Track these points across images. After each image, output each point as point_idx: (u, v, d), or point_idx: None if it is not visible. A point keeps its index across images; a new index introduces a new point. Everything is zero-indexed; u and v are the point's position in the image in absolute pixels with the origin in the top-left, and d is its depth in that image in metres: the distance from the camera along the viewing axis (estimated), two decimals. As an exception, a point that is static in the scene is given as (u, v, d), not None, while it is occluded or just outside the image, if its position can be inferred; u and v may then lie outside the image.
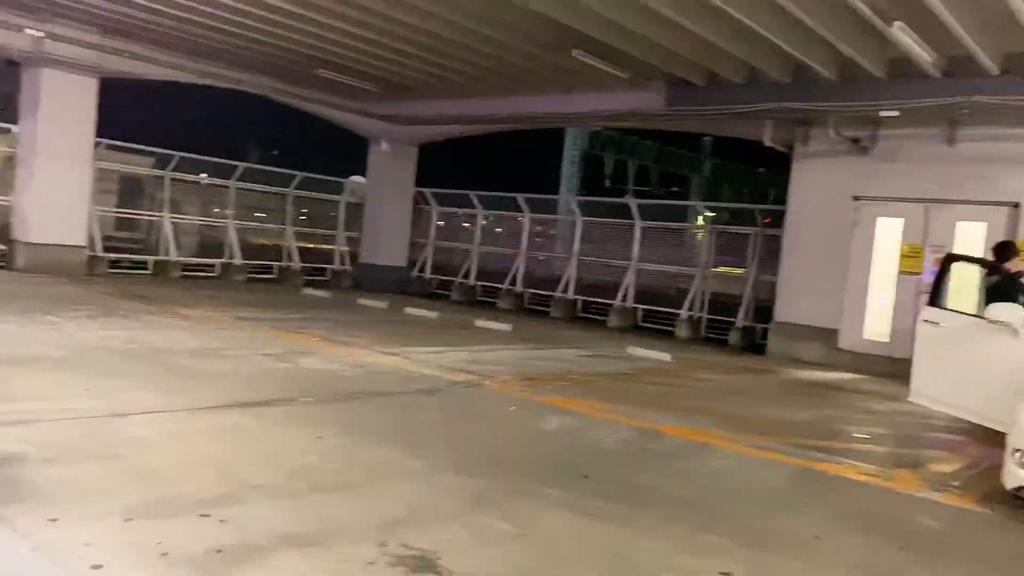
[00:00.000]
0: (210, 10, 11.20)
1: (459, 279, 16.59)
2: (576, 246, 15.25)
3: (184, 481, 3.66)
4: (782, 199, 12.27)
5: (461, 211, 17.62)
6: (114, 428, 4.44)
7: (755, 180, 39.34)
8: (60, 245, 12.93)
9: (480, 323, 11.93)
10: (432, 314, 12.57)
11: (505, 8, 9.75)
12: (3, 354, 6.10)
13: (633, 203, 14.86)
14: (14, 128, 13.15)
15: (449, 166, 23.53)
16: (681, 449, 5.45)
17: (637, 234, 14.36)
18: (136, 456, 3.96)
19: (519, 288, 15.66)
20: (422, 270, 17.60)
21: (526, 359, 8.90)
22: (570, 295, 14.92)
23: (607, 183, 37.56)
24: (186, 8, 11.21)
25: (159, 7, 11.26)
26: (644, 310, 13.98)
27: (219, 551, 2.92)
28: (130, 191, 15.36)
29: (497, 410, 6.15)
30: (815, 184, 11.49)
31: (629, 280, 14.15)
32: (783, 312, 11.70)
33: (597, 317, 14.32)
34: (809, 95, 10.66)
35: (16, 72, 13.11)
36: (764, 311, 12.34)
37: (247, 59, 13.99)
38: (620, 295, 14.09)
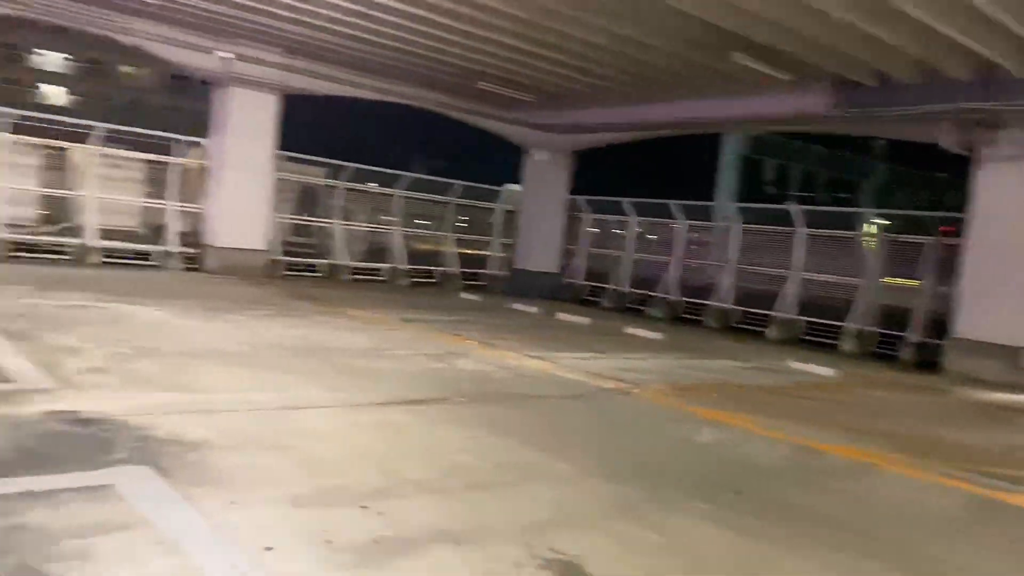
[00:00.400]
0: (384, 29, 11.85)
1: (611, 286, 16.54)
2: (733, 254, 14.82)
3: (347, 473, 3.90)
4: (959, 205, 11.38)
5: (614, 218, 17.57)
6: (286, 420, 4.78)
7: (933, 185, 36.64)
8: (243, 249, 14.05)
9: (631, 330, 11.85)
10: (583, 320, 12.62)
11: (664, 14, 9.67)
12: (191, 348, 6.72)
13: (795, 209, 14.25)
14: (204, 142, 14.45)
15: (602, 173, 23.49)
16: (843, 469, 5.19)
17: (799, 242, 13.75)
18: (305, 447, 4.25)
19: (672, 296, 15.40)
20: (574, 276, 17.69)
21: (677, 368, 8.76)
22: (726, 304, 14.50)
23: (767, 189, 36.21)
24: (361, 28, 11.91)
25: (337, 28, 12.03)
26: (806, 322, 13.35)
27: (377, 541, 3.09)
28: (306, 200, 16.46)
29: (645, 418, 6.10)
30: (1003, 190, 10.56)
31: (790, 290, 13.57)
32: (961, 327, 10.83)
33: (754, 328, 13.82)
34: (996, 94, 9.84)
35: (208, 91, 14.42)
36: (939, 326, 11.47)
37: (414, 75, 14.65)
38: (780, 305, 13.54)
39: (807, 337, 13.14)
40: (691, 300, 15.16)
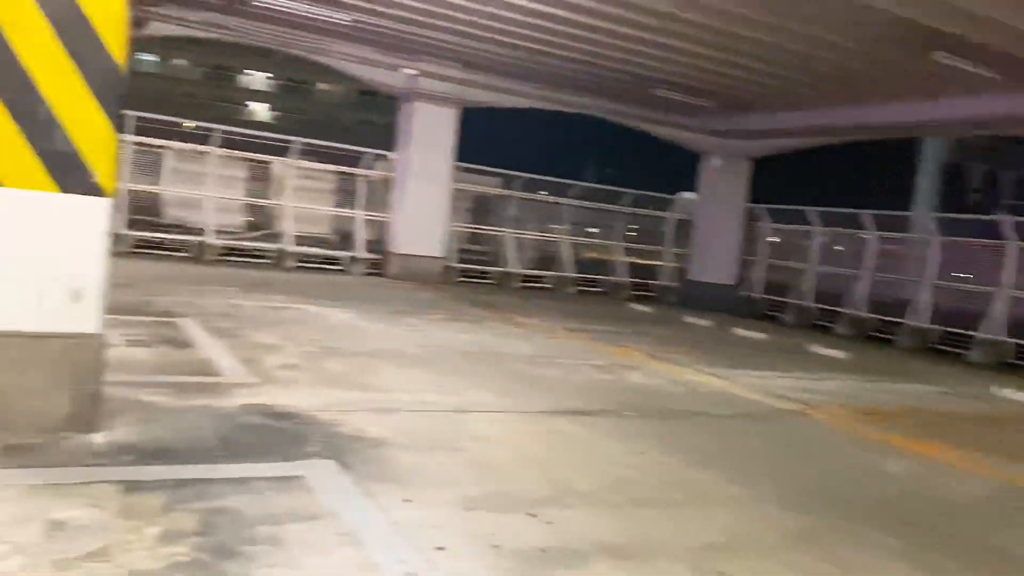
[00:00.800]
0: (559, 40, 12.01)
1: (792, 300, 15.76)
2: (931, 268, 13.68)
3: (516, 479, 3.95)
4: None
5: (796, 228, 16.75)
6: (458, 422, 4.93)
7: None
8: (422, 256, 14.69)
9: (814, 349, 11.23)
10: (761, 336, 12.12)
11: (858, 13, 9.12)
12: (373, 348, 7.08)
13: (1007, 221, 12.94)
14: (391, 155, 15.26)
15: (784, 181, 22.50)
16: (1058, 512, 4.63)
17: (1011, 256, 12.47)
18: (476, 450, 4.36)
19: (861, 313, 14.44)
20: (752, 289, 17.03)
21: (864, 391, 8.20)
22: (922, 323, 13.40)
23: (973, 196, 33.19)
24: (537, 40, 12.13)
25: (513, 41, 12.32)
26: (1016, 344, 12.08)
27: (543, 550, 3.10)
28: (480, 209, 16.96)
29: (827, 443, 5.74)
30: None
31: (998, 309, 12.34)
32: None
33: (955, 350, 12.68)
34: None
35: (394, 105, 15.20)
36: None
37: (588, 84, 14.72)
38: (985, 326, 12.34)
39: (1018, 361, 11.89)
40: (882, 318, 14.14)
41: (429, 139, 14.53)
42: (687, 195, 19.57)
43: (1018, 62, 9.84)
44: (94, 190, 3.66)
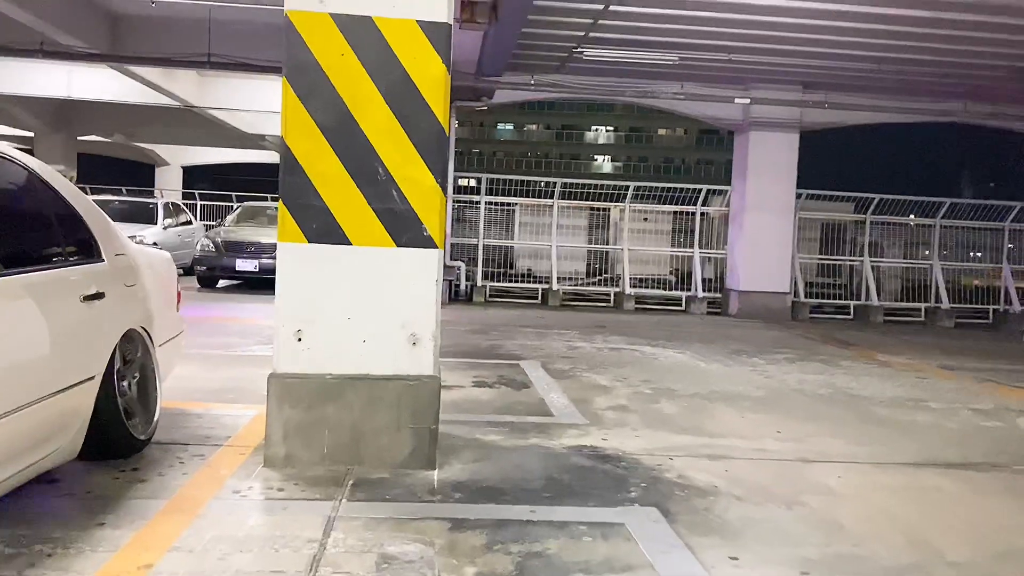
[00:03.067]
0: (911, 44, 10.77)
1: None
2: None
3: (867, 541, 3.39)
4: None
5: None
6: (801, 473, 4.42)
7: None
8: (766, 292, 13.91)
9: None
10: None
11: None
12: (709, 390, 6.74)
13: None
14: (727, 189, 14.82)
15: None
16: None
17: None
18: (820, 505, 3.84)
19: None
20: None
21: None
22: None
23: None
24: (883, 48, 11.00)
25: (856, 52, 11.30)
26: None
27: (899, 633, 2.57)
28: (831, 237, 15.65)
29: None
30: None
31: None
32: None
33: None
34: None
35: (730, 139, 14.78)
36: None
37: (950, 87, 12.96)
38: None
39: None
40: None
41: (766, 168, 13.82)
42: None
43: None
44: (426, 243, 3.95)
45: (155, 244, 12.21)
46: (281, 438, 3.90)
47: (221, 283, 14.07)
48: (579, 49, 11.80)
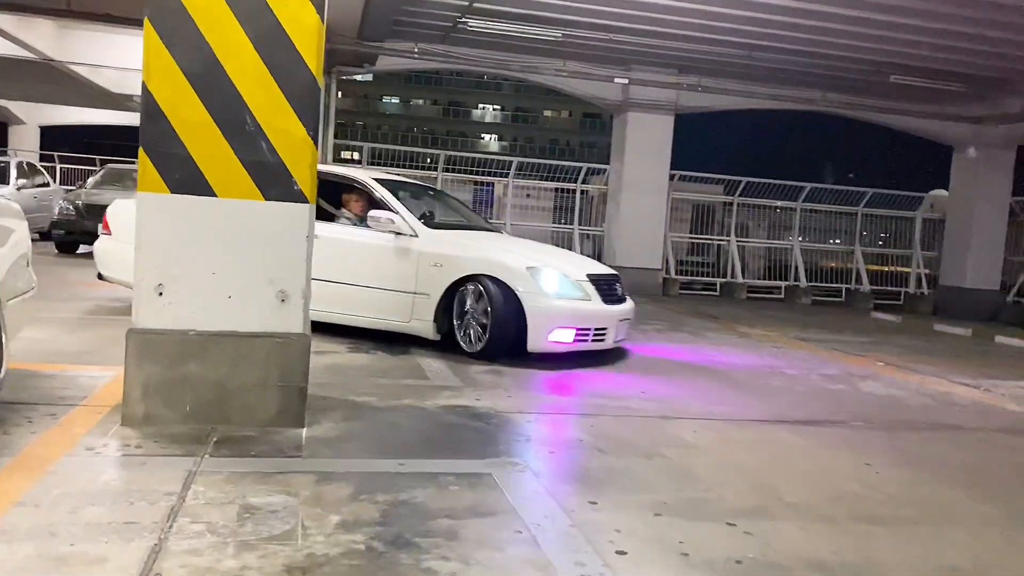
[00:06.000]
0: (780, 32, 11.31)
1: (1074, 305, 13.55)
2: None
3: (717, 487, 3.62)
4: None
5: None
6: (661, 428, 4.64)
7: None
8: (640, 268, 14.40)
9: (1102, 358, 9.52)
10: (1033, 344, 10.50)
11: None
12: (580, 358, 6.94)
13: None
14: (608, 167, 15.21)
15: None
16: None
17: None
18: (676, 456, 4.06)
19: None
20: (1021, 294, 14.87)
21: None
22: None
23: None
24: (756, 36, 11.51)
25: (730, 38, 11.79)
26: None
27: (739, 562, 2.77)
28: (701, 218, 16.34)
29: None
30: None
31: None
32: None
33: None
34: None
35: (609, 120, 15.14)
36: None
37: (814, 77, 13.74)
38: None
39: None
40: None
41: (643, 148, 14.27)
42: (940, 193, 17.62)
43: None
44: (297, 197, 3.88)
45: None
46: (140, 396, 3.76)
47: (82, 248, 13.26)
48: (463, 19, 11.77)
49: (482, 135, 67.48)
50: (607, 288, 6.52)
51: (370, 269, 6.51)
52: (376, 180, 6.95)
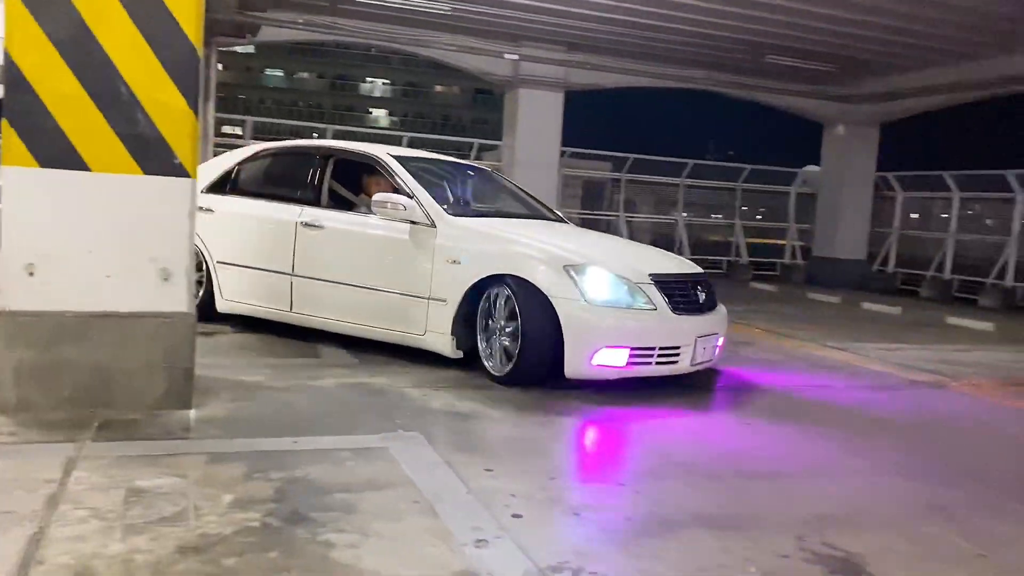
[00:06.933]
0: (664, 11, 11.58)
1: (929, 272, 14.63)
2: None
3: (610, 452, 3.75)
4: None
5: (932, 196, 15.54)
6: (557, 397, 4.75)
7: None
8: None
9: (953, 320, 10.34)
10: (894, 310, 11.29)
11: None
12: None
13: None
14: (500, 144, 15.26)
15: (916, 147, 20.98)
16: None
17: None
18: (571, 423, 4.18)
19: (1008, 283, 13.22)
20: (884, 263, 15.94)
21: (1012, 362, 7.44)
22: (1082, 290, 12.14)
23: None
24: (640, 14, 11.75)
25: (615, 16, 11.99)
26: None
27: (628, 518, 2.90)
28: (592, 194, 16.66)
29: (965, 415, 5.20)
30: None
31: None
32: None
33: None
34: None
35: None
36: None
37: (697, 56, 14.15)
38: None
39: None
40: (1033, 286, 12.93)
41: (533, 125, 14.38)
42: (812, 168, 18.57)
43: None
44: (177, 171, 3.74)
45: None
46: (12, 381, 3.56)
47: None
48: (350, -9, 11.50)
49: (371, 109, 66.24)
50: (681, 292, 5.04)
51: (376, 267, 5.40)
52: (394, 157, 5.77)
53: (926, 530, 3.00)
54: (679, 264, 5.69)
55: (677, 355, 4.87)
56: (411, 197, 5.28)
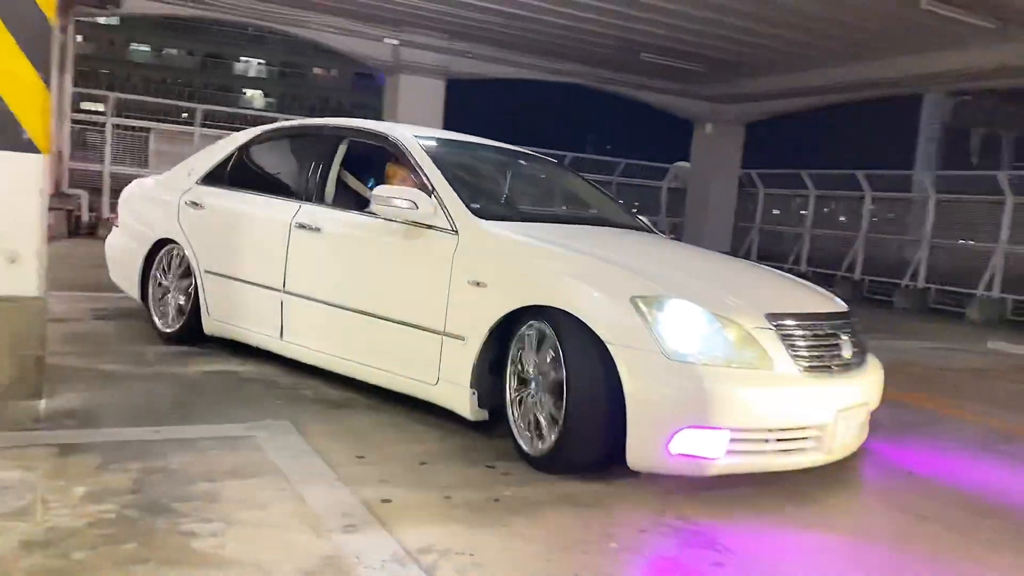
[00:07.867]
0: (543, 5, 11.75)
1: (788, 264, 15.57)
2: (928, 228, 13.47)
3: (479, 434, 3.81)
4: None
5: (790, 192, 16.54)
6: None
7: None
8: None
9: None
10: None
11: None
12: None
13: (1004, 176, 12.71)
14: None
15: (779, 145, 22.24)
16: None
17: (1007, 213, 12.26)
18: (441, 410, 4.21)
19: (857, 275, 14.27)
20: (747, 255, 16.84)
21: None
22: (919, 283, 13.23)
23: (974, 160, 32.88)
24: (521, 6, 11.88)
25: (496, 7, 12.07)
26: (1014, 300, 11.95)
27: (496, 500, 2.97)
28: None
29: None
30: None
31: (995, 266, 12.15)
32: None
33: (954, 309, 12.54)
34: None
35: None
36: None
37: (574, 51, 14.47)
38: (984, 284, 12.17)
39: (1016, 318, 11.79)
40: (879, 279, 13.99)
41: (414, 112, 14.29)
42: (681, 164, 19.34)
43: (1009, 8, 9.59)
44: (26, 147, 3.51)
45: None
46: None
47: None
48: (224, -35, 11.05)
49: (245, 90, 63.81)
50: (816, 340, 3.34)
51: (380, 285, 4.01)
52: (417, 138, 4.34)
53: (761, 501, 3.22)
54: (812, 297, 3.91)
55: (807, 439, 3.22)
56: (431, 192, 3.88)
